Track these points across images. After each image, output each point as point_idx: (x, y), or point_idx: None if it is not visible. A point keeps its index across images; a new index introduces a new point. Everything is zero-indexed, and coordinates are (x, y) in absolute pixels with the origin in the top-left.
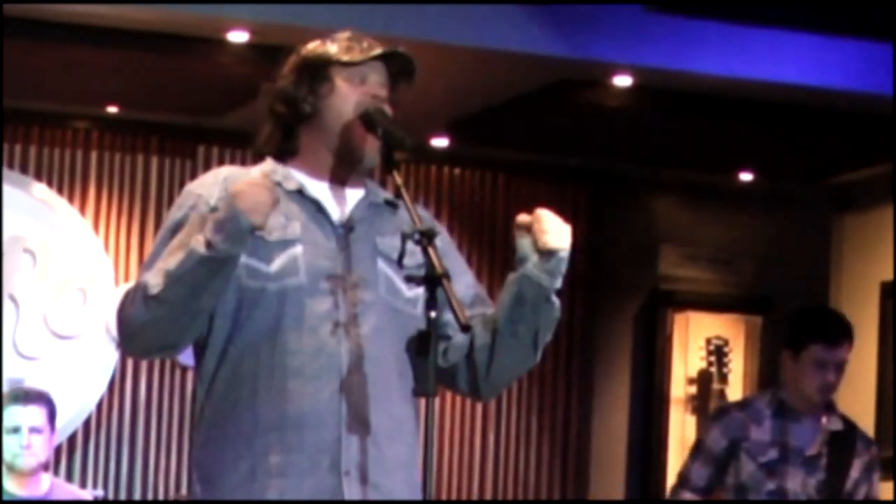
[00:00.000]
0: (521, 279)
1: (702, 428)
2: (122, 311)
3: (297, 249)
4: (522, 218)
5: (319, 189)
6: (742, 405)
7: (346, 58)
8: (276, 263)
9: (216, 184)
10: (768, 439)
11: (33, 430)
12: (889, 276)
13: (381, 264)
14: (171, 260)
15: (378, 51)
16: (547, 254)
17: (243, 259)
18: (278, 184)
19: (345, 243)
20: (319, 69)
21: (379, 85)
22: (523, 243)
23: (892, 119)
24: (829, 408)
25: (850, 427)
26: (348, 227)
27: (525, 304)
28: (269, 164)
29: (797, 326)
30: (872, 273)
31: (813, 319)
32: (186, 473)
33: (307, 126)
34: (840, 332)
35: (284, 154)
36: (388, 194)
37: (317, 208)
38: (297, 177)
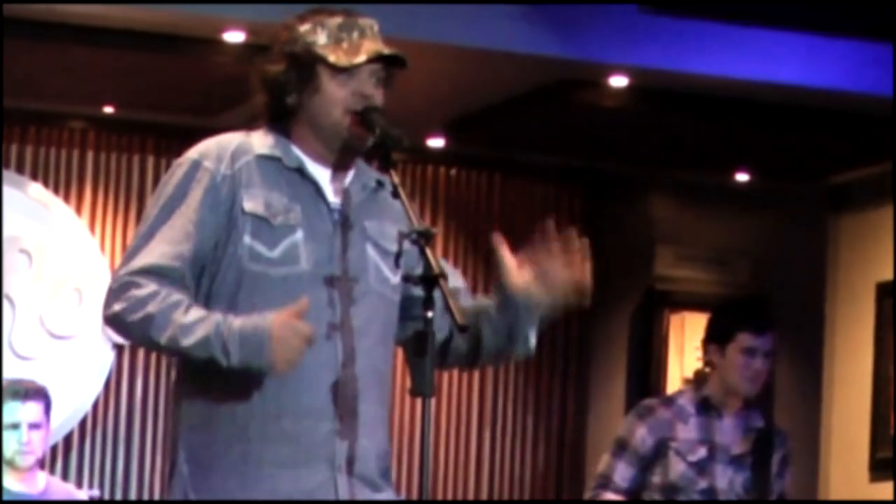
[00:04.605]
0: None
1: (624, 426)
2: (116, 310)
3: (299, 236)
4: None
5: (317, 170)
6: (666, 402)
7: (332, 58)
8: (279, 249)
9: (222, 158)
10: (696, 437)
11: (32, 426)
12: (885, 277)
13: (371, 251)
14: (186, 321)
15: (362, 58)
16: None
17: (246, 240)
18: (279, 159)
19: (340, 229)
20: (306, 64)
21: (369, 82)
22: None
23: (889, 119)
24: (750, 405)
25: (769, 423)
26: (344, 212)
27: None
28: (269, 136)
29: (721, 318)
30: (869, 273)
31: (737, 310)
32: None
33: (296, 114)
34: (767, 319)
35: (279, 128)
36: (376, 173)
37: (315, 190)
38: (296, 153)
